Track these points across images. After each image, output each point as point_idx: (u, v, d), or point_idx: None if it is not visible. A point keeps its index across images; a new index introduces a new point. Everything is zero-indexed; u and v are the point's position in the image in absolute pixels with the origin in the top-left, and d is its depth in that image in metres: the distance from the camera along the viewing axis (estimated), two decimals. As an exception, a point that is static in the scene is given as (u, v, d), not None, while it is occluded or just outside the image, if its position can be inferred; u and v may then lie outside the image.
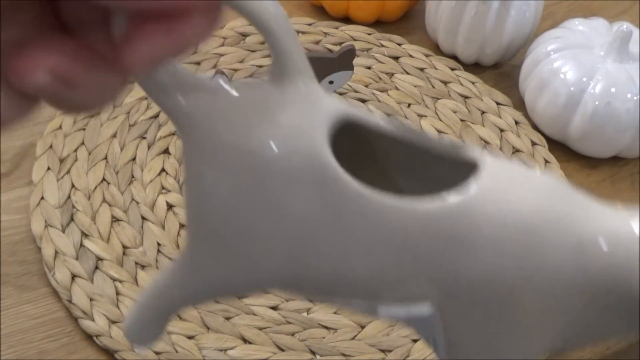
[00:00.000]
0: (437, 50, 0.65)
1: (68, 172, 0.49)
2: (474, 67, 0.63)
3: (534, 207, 0.22)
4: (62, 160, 0.49)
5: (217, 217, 0.23)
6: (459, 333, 0.23)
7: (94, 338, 0.41)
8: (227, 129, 0.22)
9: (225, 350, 0.41)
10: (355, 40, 0.63)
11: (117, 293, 0.43)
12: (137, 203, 0.48)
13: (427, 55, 0.63)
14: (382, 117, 0.24)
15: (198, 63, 0.58)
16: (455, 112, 0.58)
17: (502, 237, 0.21)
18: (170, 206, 0.48)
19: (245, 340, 0.42)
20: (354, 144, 0.23)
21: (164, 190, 0.49)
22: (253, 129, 0.22)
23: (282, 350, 0.42)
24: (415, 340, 0.43)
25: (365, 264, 0.22)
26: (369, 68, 0.61)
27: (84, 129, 0.51)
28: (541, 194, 0.22)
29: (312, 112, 0.22)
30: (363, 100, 0.58)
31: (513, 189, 0.22)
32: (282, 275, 0.23)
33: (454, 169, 0.23)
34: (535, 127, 0.58)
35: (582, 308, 0.22)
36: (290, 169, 0.22)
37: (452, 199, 0.22)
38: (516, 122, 0.58)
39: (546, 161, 0.55)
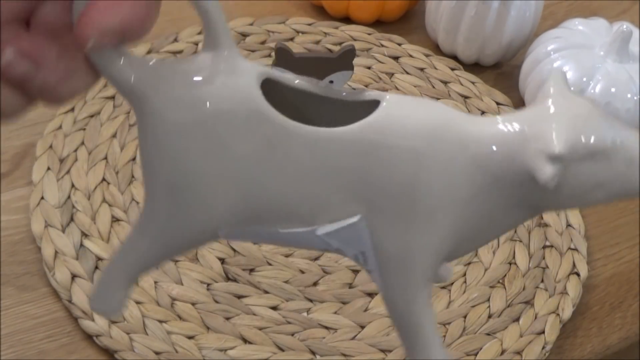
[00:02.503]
0: (437, 50, 0.65)
1: (68, 172, 0.49)
2: (474, 67, 0.63)
3: (431, 120, 0.27)
4: (62, 160, 0.49)
5: (174, 171, 0.27)
6: (385, 240, 0.27)
7: (94, 338, 0.41)
8: (171, 97, 0.26)
9: (225, 350, 0.41)
10: (355, 40, 0.63)
11: (117, 293, 0.43)
12: (137, 203, 0.48)
13: (427, 55, 0.63)
14: (296, 77, 0.29)
15: (198, 63, 0.58)
16: (455, 112, 0.58)
17: (408, 147, 0.26)
18: (170, 206, 0.48)
19: (245, 340, 0.42)
20: (277, 101, 0.27)
21: (164, 190, 0.49)
22: (192, 91, 0.26)
23: (282, 350, 0.42)
24: (415, 340, 0.43)
25: (300, 191, 0.27)
26: (369, 68, 0.61)
27: (84, 129, 0.52)
28: (435, 111, 0.28)
29: (239, 72, 0.27)
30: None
31: (411, 110, 0.27)
32: (233, 214, 0.27)
33: (365, 113, 0.28)
34: (535, 127, 0.58)
35: (484, 199, 0.27)
36: (231, 119, 0.26)
37: (360, 122, 0.27)
38: (516, 122, 0.58)
39: (546, 161, 0.55)
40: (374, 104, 0.28)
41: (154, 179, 0.27)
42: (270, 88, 0.27)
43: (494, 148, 0.27)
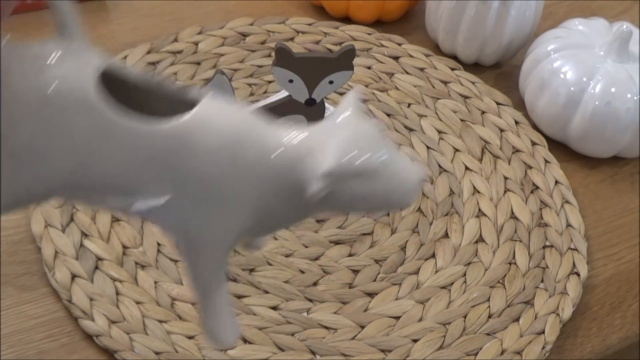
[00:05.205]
0: (437, 50, 0.65)
1: (68, 172, 0.49)
2: (474, 67, 0.64)
3: (238, 126, 0.31)
4: (62, 160, 0.49)
5: (17, 138, 0.30)
6: (188, 218, 0.31)
7: (94, 338, 0.41)
8: (25, 74, 0.30)
9: (225, 350, 0.41)
10: (355, 40, 0.63)
11: (117, 293, 0.43)
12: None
13: (427, 55, 0.63)
14: (137, 70, 0.33)
15: (198, 63, 0.58)
16: (455, 112, 0.58)
17: (217, 146, 0.30)
18: (170, 206, 0.48)
19: (245, 340, 0.42)
20: (117, 88, 0.31)
21: (164, 190, 0.49)
22: (39, 76, 0.30)
23: (282, 350, 0.42)
24: (415, 341, 0.43)
25: (123, 171, 0.30)
26: (369, 68, 0.61)
27: (84, 129, 0.51)
28: (241, 118, 0.31)
29: (82, 62, 0.31)
30: (363, 100, 0.58)
31: (223, 114, 0.31)
32: (69, 182, 0.31)
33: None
34: (535, 127, 0.58)
35: (270, 198, 0.31)
36: (66, 104, 0.30)
37: (177, 119, 0.30)
38: (516, 122, 0.58)
39: (546, 161, 0.55)
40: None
41: (5, 140, 0.31)
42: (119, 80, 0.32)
43: (278, 159, 0.31)
